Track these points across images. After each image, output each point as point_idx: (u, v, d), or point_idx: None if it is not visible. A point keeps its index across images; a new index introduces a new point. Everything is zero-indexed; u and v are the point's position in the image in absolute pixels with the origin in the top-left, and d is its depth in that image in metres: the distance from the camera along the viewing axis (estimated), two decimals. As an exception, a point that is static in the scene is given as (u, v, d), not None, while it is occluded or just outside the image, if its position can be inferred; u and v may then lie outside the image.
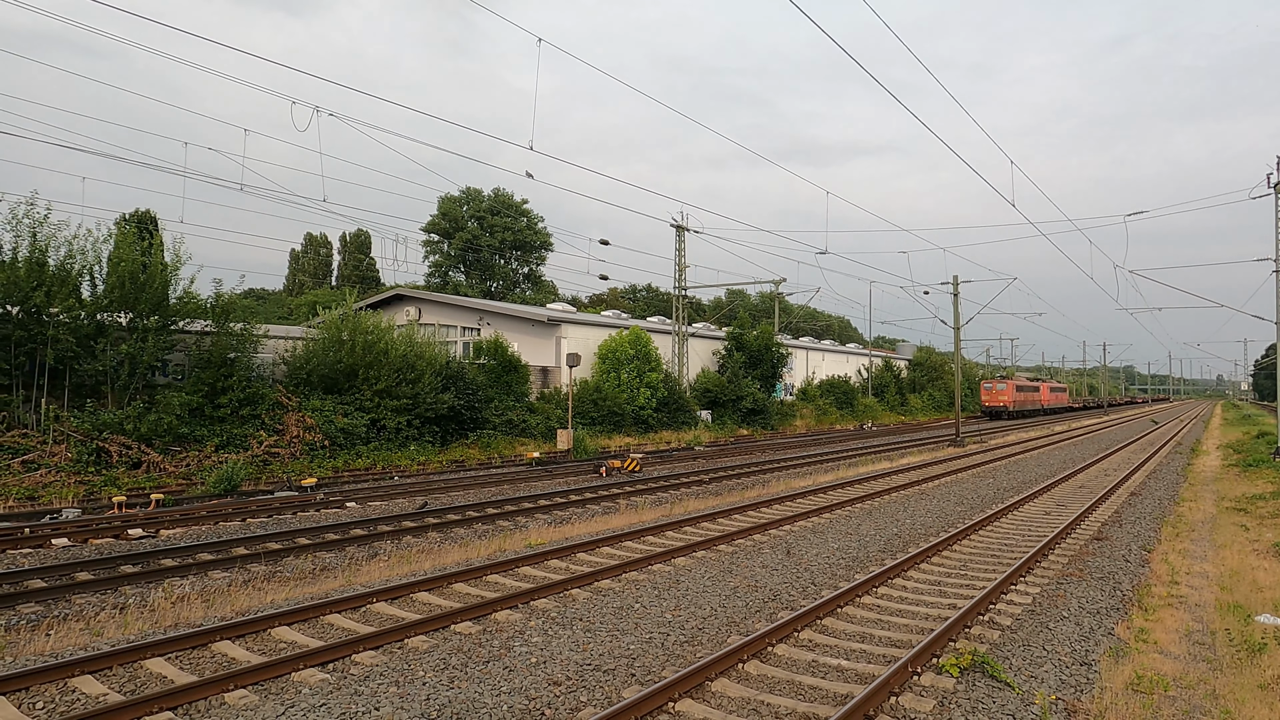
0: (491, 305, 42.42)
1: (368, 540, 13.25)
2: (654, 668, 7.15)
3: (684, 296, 40.25)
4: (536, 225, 70.58)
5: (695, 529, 13.96)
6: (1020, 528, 14.36)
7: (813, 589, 10.04)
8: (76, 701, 6.25)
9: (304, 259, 73.77)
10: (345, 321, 25.62)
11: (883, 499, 17.91)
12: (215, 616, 8.50)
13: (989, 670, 6.98)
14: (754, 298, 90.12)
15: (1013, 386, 68.65)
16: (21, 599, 9.51)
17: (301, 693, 6.40)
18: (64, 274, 19.45)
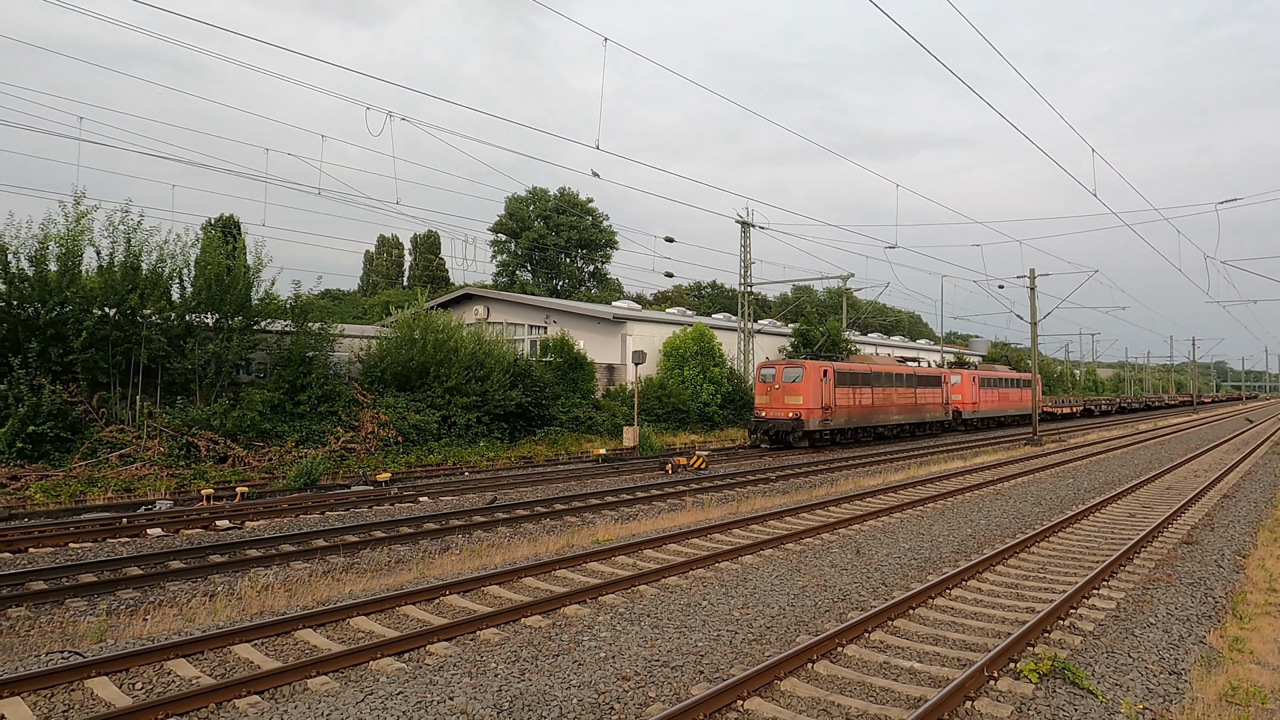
0: (558, 304, 42.88)
1: (440, 534, 13.56)
2: (722, 665, 7.14)
3: (749, 293, 39.95)
4: (602, 224, 71.06)
5: (762, 527, 13.87)
6: (1102, 530, 13.82)
7: (883, 590, 9.86)
8: (172, 683, 6.58)
9: (377, 260, 75.87)
10: (417, 321, 26.28)
11: (956, 499, 17.46)
12: (297, 605, 8.83)
13: (1070, 677, 6.74)
14: (820, 293, 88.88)
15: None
16: (120, 585, 10.06)
17: (379, 680, 6.60)
18: (156, 277, 20.44)
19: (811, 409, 30.11)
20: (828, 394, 30.95)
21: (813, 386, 30.22)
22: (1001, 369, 53.61)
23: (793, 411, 30.13)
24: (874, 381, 34.57)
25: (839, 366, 32.06)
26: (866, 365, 34.66)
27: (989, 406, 47.96)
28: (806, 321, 45.41)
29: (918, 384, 38.60)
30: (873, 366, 34.91)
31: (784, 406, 30.32)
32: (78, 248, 19.28)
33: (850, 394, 32.55)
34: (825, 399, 30.72)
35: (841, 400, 31.88)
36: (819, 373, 30.64)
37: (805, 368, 30.09)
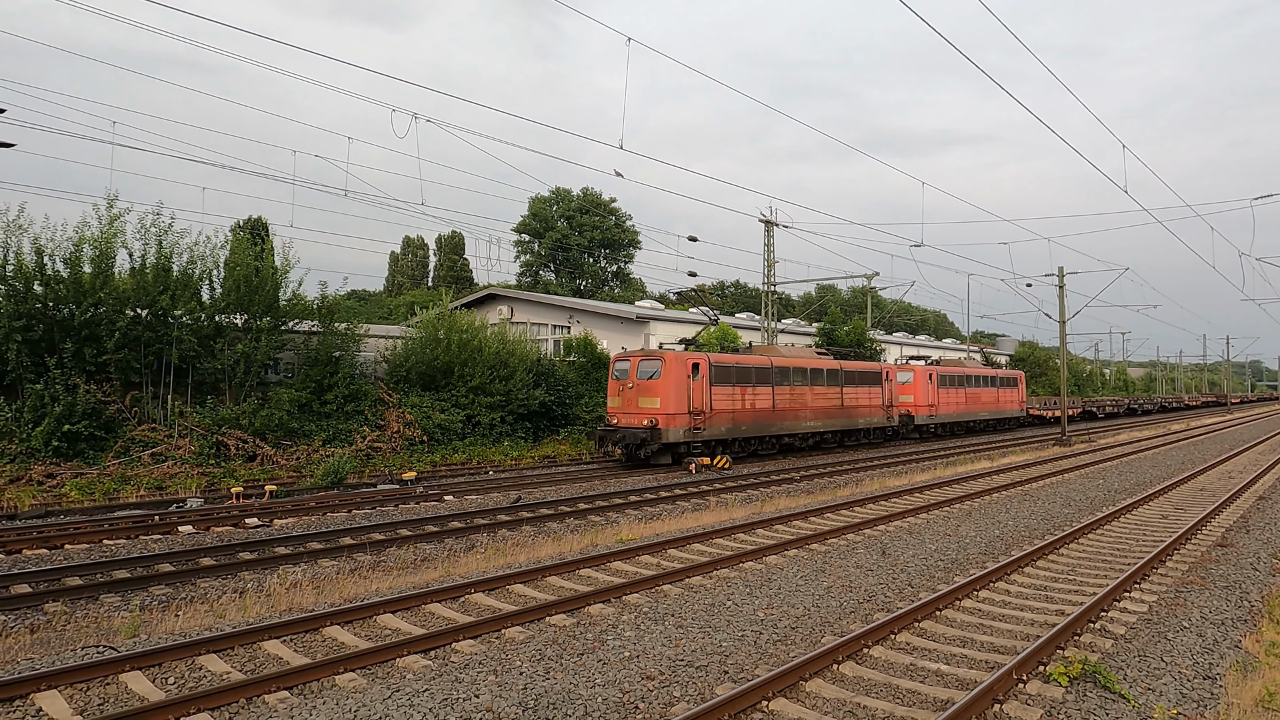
0: (581, 303, 42.99)
1: (465, 533, 13.65)
2: (746, 666, 7.12)
3: (773, 292, 39.80)
4: (625, 223, 71.12)
5: (786, 527, 13.80)
6: (1134, 532, 13.61)
7: (909, 591, 9.78)
8: (203, 678, 6.69)
9: (402, 261, 76.53)
10: (441, 321, 26.48)
11: (983, 499, 17.27)
12: (325, 603, 8.93)
13: (1101, 680, 6.65)
14: (845, 292, 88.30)
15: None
16: (153, 581, 10.23)
17: (406, 678, 6.66)
18: (186, 279, 20.78)
19: (674, 414, 22.72)
20: (699, 395, 23.28)
21: (675, 385, 22.79)
22: (974, 365, 44.37)
23: (647, 418, 22.56)
24: (773, 378, 26.43)
25: (719, 359, 24.65)
26: (765, 358, 26.74)
27: (954, 409, 39.01)
28: (831, 321, 45.15)
29: (844, 381, 30.30)
30: (773, 359, 27.12)
31: (637, 411, 22.97)
32: (111, 250, 19.64)
33: (736, 395, 24.79)
34: (696, 401, 23.22)
35: (722, 403, 24.20)
36: (684, 367, 23.17)
37: (665, 361, 22.68)
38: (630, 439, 22.77)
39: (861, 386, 31.56)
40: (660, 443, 22.71)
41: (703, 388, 23.57)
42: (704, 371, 23.70)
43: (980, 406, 41.70)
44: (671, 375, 22.94)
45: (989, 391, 42.90)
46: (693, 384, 23.27)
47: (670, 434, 22.74)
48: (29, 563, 11.34)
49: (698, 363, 23.61)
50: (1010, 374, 46.48)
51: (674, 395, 22.82)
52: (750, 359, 26.04)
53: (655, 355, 23.28)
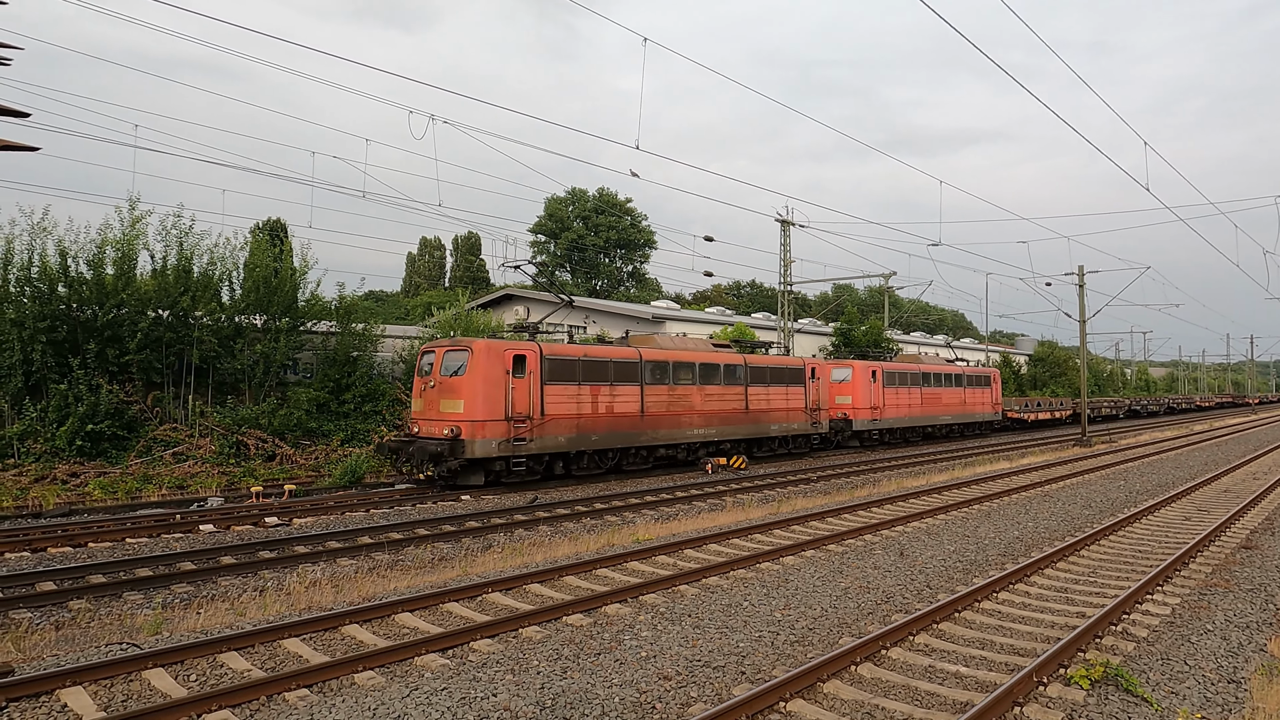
0: (597, 304, 43.04)
1: (482, 532, 13.70)
2: (764, 666, 7.10)
3: (789, 292, 39.68)
4: (640, 223, 71.14)
5: (804, 528, 13.76)
6: (1156, 534, 13.45)
7: (928, 592, 9.72)
8: (224, 676, 6.75)
9: (419, 261, 76.90)
10: (458, 321, 26.62)
11: (1002, 500, 17.13)
12: (344, 601, 8.99)
13: (1123, 684, 6.57)
14: (862, 292, 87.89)
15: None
16: (175, 579, 10.34)
17: (424, 676, 6.70)
18: (206, 280, 21.00)
19: (484, 422, 17.70)
20: (523, 396, 18.43)
21: (487, 383, 17.81)
22: (934, 362, 38.20)
23: (449, 426, 17.63)
24: (642, 376, 21.43)
25: (556, 350, 19.45)
26: (632, 350, 21.53)
27: (906, 412, 33.42)
28: (847, 320, 44.96)
29: (749, 379, 25.05)
30: (643, 352, 21.71)
31: (439, 417, 18.06)
32: (133, 252, 19.89)
33: (583, 396, 19.85)
34: (519, 404, 18.30)
35: (561, 406, 19.26)
36: (500, 360, 18.09)
37: (473, 351, 17.97)
38: (422, 453, 17.55)
39: (775, 386, 26.18)
40: (463, 457, 17.41)
41: (529, 386, 18.57)
42: (532, 366, 18.67)
43: (942, 409, 36.24)
44: (480, 370, 17.76)
45: (952, 392, 37.24)
46: (514, 382, 18.23)
47: (478, 447, 17.54)
48: (54, 560, 11.50)
49: (522, 355, 18.55)
50: (982, 372, 40.49)
51: (484, 396, 17.73)
52: (604, 351, 20.91)
53: (461, 345, 18.35)
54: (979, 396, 39.49)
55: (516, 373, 18.42)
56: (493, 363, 18.08)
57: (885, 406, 32.02)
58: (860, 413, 30.94)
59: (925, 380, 35.12)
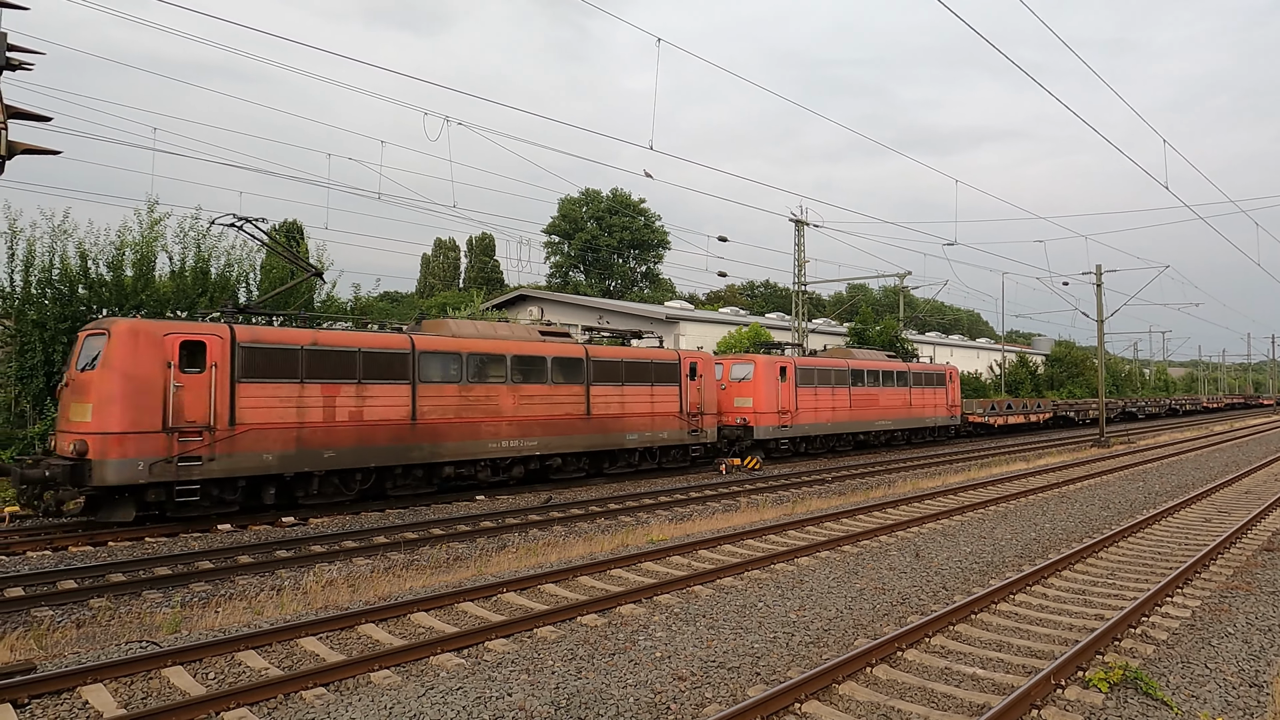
0: (611, 304, 43.09)
1: (496, 532, 13.75)
2: (779, 668, 7.08)
3: (804, 292, 39.58)
4: (654, 224, 71.17)
5: (818, 528, 13.71)
6: (1176, 535, 13.31)
7: (944, 594, 9.67)
8: (242, 674, 6.81)
9: (434, 262, 77.26)
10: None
11: (1018, 501, 17.00)
12: (360, 601, 9.05)
13: (1143, 687, 6.51)
14: (877, 292, 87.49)
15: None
16: (193, 578, 10.44)
17: (439, 675, 6.73)
18: (224, 281, 21.19)
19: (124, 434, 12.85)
20: (195, 398, 13.52)
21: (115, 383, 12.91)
22: (867, 355, 32.57)
23: (75, 438, 12.80)
24: (417, 370, 16.63)
25: (256, 337, 14.45)
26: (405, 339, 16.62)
27: (832, 417, 28.23)
28: (862, 320, 44.80)
29: (595, 377, 20.30)
30: (426, 341, 17.06)
31: (67, 428, 13.31)
32: (151, 254, 20.09)
33: (307, 398, 14.93)
34: (187, 410, 13.44)
35: (264, 412, 14.33)
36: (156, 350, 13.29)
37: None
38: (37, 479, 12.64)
39: (634, 385, 21.30)
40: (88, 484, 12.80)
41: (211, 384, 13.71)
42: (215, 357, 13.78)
43: (879, 413, 30.85)
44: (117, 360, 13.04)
45: (893, 393, 31.79)
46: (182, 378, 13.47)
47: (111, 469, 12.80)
48: (74, 559, 11.63)
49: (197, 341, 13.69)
50: (933, 369, 35.08)
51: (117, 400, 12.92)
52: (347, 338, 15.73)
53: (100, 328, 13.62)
54: (929, 398, 33.89)
55: (187, 366, 13.57)
56: (143, 352, 13.18)
57: (799, 410, 26.59)
58: (764, 418, 25.07)
59: (855, 379, 29.76)
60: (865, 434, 30.77)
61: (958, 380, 36.41)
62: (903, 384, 32.41)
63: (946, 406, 35.15)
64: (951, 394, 35.62)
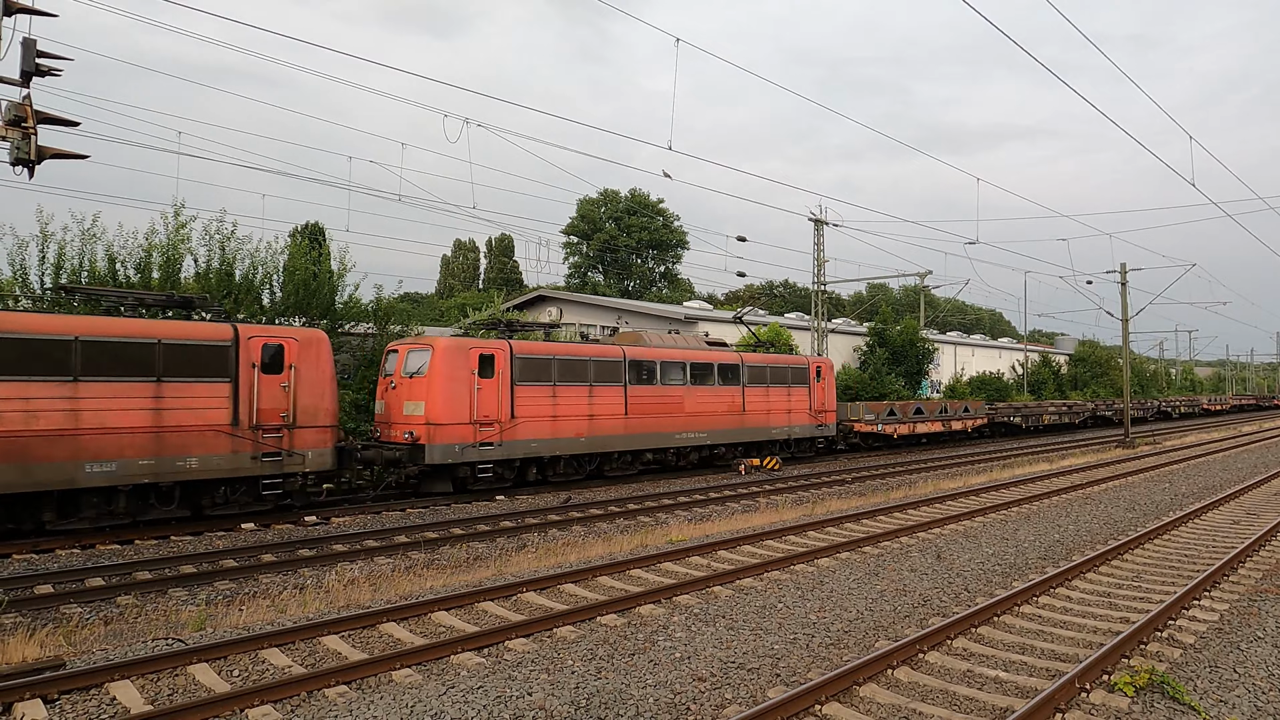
0: (629, 304, 43.11)
1: (516, 532, 13.80)
2: (799, 669, 7.05)
3: (823, 291, 39.38)
4: (673, 224, 71.11)
5: (838, 529, 13.64)
6: (1203, 538, 13.11)
7: (966, 596, 9.59)
8: (266, 671, 6.88)
9: (453, 263, 77.67)
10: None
11: (1042, 503, 16.82)
12: (381, 599, 9.12)
13: (1170, 691, 6.42)
14: (897, 291, 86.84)
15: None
16: (218, 576, 10.57)
17: (460, 674, 6.76)
18: (248, 283, 21.40)
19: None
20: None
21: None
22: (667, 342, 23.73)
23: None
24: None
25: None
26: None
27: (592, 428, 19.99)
28: (882, 320, 44.50)
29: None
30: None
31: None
32: (178, 256, 20.33)
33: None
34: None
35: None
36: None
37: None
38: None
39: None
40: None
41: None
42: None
43: (685, 421, 22.08)
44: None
45: (712, 394, 22.98)
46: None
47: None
48: (102, 557, 11.81)
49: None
50: (788, 362, 26.52)
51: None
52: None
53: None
54: (780, 400, 25.33)
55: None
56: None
57: (519, 420, 18.30)
58: (446, 432, 17.05)
59: (638, 374, 20.99)
60: (659, 451, 22.00)
61: (831, 377, 27.96)
62: (729, 381, 23.74)
63: (811, 411, 26.66)
64: (820, 395, 27.11)
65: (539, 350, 18.97)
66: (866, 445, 31.16)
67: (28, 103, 7.66)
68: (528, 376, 18.52)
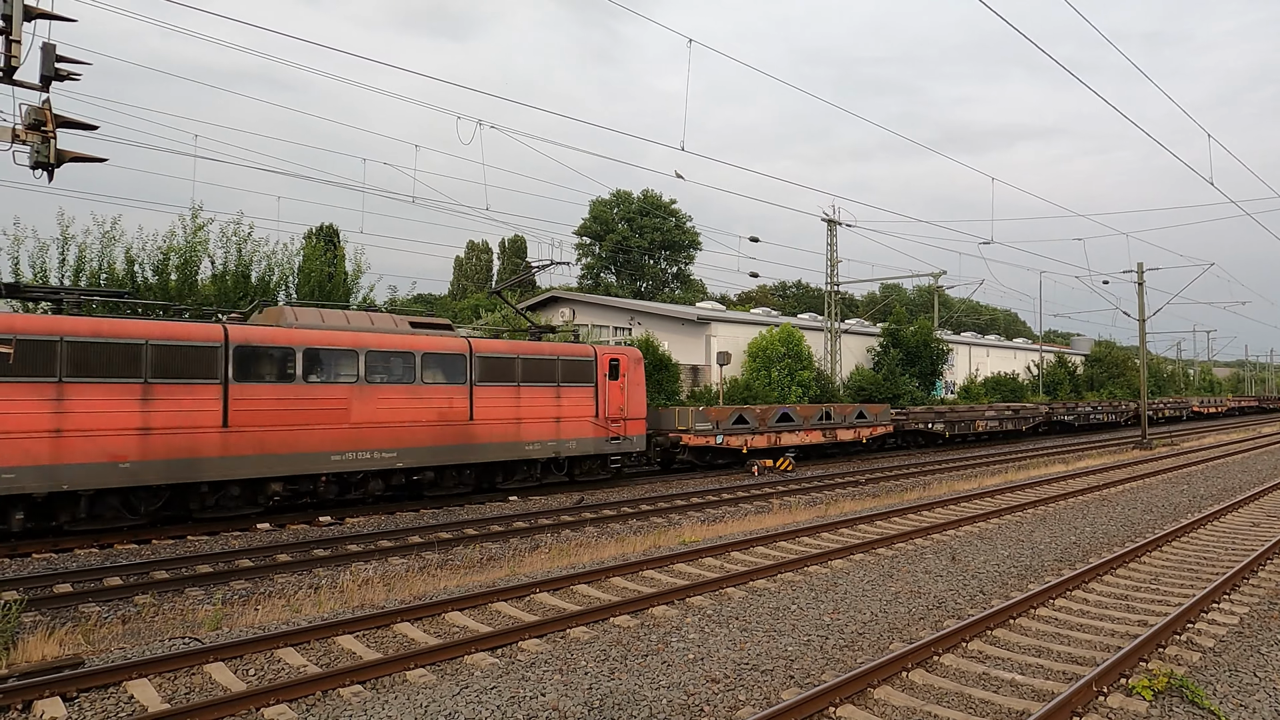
0: (641, 305, 43.12)
1: (529, 533, 13.82)
2: (813, 671, 7.03)
3: (836, 292, 39.24)
4: (685, 225, 71.07)
5: (852, 531, 13.59)
6: (1222, 540, 12.97)
7: (981, 598, 9.52)
8: (281, 671, 6.92)
9: (467, 265, 77.94)
10: (505, 324, 26.89)
11: (1058, 504, 16.69)
12: (395, 599, 9.15)
13: (1189, 695, 6.35)
14: (910, 291, 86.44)
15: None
16: (234, 576, 10.64)
17: (474, 674, 6.78)
18: (264, 284, 21.59)
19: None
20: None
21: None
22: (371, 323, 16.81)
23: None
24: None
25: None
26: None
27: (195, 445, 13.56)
28: (895, 321, 44.30)
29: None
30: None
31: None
32: (195, 258, 20.53)
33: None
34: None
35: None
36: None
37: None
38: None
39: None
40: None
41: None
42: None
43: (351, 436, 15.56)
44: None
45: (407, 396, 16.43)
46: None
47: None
48: (120, 556, 11.92)
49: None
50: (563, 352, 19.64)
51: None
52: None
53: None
54: (542, 405, 18.93)
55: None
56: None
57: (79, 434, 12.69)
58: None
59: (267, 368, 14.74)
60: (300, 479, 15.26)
61: (638, 373, 21.22)
62: (446, 379, 17.18)
63: (598, 420, 20.03)
64: (615, 398, 20.50)
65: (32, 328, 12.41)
66: (703, 463, 23.87)
67: (47, 107, 7.74)
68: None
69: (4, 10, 7.43)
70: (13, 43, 7.51)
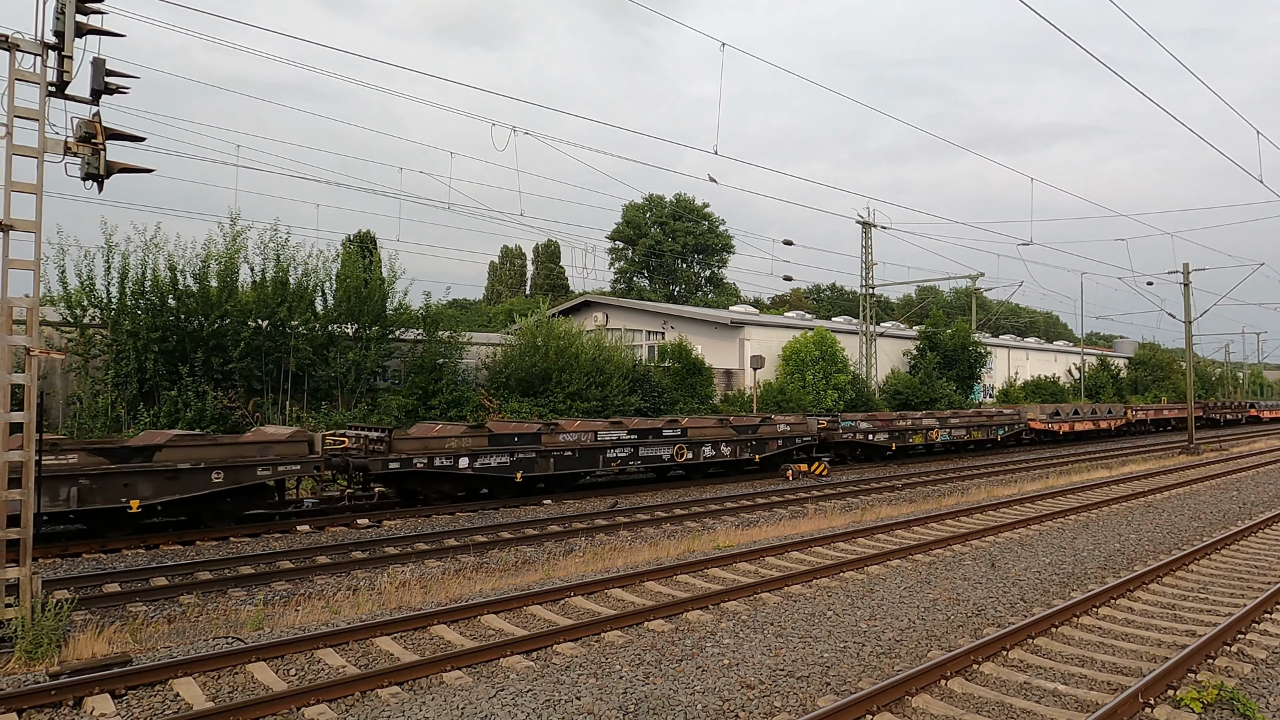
0: (675, 309, 43.11)
1: (563, 536, 13.87)
2: (849, 678, 6.96)
3: (871, 295, 38.87)
4: (718, 228, 70.94)
5: (888, 537, 13.43)
6: (1274, 548, 12.59)
7: (1022, 605, 9.35)
8: (321, 671, 7.03)
9: (501, 270, 78.59)
10: (539, 328, 27.05)
11: (1101, 511, 16.34)
12: (432, 602, 9.24)
13: (1240, 708, 6.18)
14: (948, 294, 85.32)
15: None
16: (275, 577, 10.83)
17: (509, 677, 6.82)
18: (301, 291, 21.96)
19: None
20: None
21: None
22: None
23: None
24: None
25: None
26: None
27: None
28: (933, 323, 43.73)
29: None
30: None
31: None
32: (235, 265, 20.96)
33: None
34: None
35: None
36: None
37: None
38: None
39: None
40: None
41: None
42: None
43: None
44: None
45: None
46: None
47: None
48: (165, 557, 12.20)
49: None
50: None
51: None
52: None
53: None
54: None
55: None
56: None
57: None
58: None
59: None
60: None
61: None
62: None
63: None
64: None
65: None
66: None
67: (97, 120, 7.97)
68: None
69: (57, 27, 7.67)
70: (65, 59, 7.75)
